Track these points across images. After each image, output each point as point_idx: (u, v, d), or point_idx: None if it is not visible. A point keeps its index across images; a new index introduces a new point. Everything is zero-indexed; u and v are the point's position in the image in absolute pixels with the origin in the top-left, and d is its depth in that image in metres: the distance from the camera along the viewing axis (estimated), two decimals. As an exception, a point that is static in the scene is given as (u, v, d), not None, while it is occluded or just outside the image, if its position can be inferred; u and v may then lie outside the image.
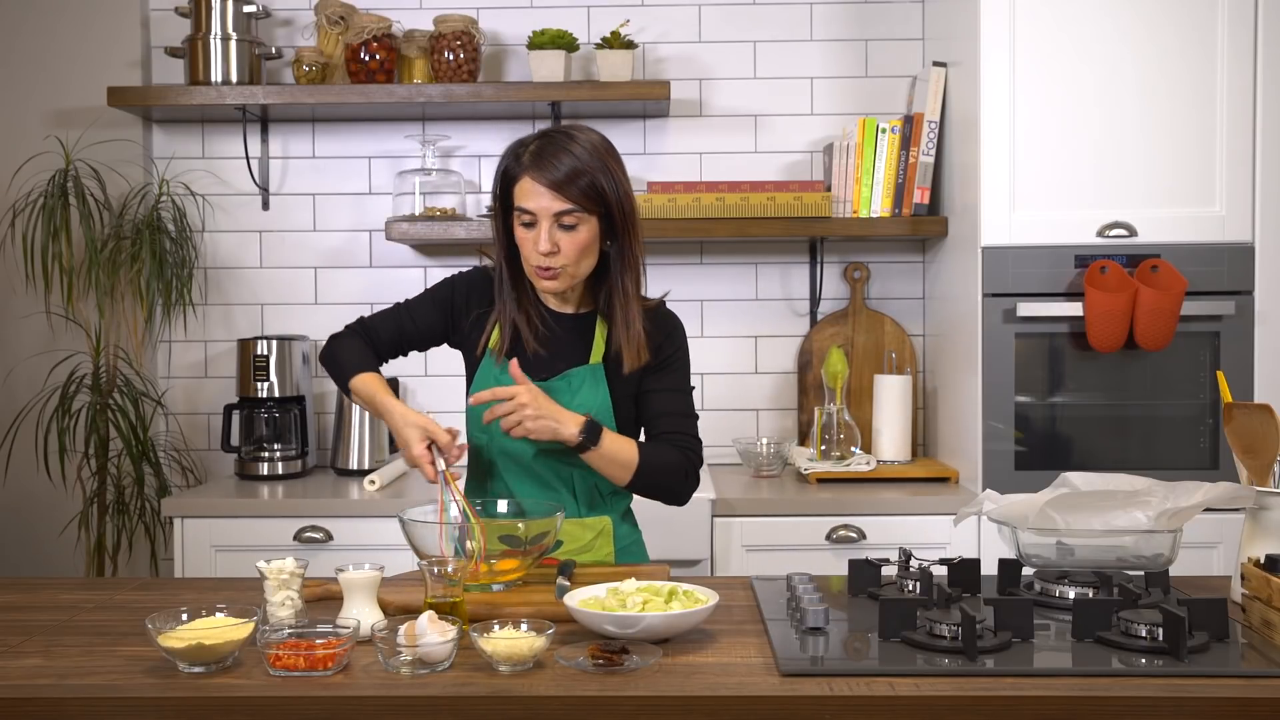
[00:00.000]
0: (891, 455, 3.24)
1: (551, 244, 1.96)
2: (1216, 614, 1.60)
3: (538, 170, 1.95)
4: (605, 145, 2.01)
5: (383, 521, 2.89)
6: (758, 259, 3.50)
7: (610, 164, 1.99)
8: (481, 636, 1.52)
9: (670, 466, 2.05)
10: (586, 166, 1.95)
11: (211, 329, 3.52)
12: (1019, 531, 1.85)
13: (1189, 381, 2.93)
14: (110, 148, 3.39)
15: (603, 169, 1.97)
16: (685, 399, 2.12)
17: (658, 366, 2.09)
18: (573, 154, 1.95)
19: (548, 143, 1.98)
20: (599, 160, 1.97)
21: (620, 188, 1.99)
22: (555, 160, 1.95)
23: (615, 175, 1.99)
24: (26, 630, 1.72)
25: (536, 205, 1.96)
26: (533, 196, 1.96)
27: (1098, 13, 2.88)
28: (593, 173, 1.95)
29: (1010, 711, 1.40)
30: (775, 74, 3.48)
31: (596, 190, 1.96)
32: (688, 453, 2.08)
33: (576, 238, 1.97)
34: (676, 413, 2.10)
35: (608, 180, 1.97)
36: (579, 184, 1.95)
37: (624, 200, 2.00)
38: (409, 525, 1.85)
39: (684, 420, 2.11)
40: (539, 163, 1.96)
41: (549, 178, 1.94)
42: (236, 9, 3.26)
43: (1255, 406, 1.80)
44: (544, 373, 2.06)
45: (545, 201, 1.95)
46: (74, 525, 3.35)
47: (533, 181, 1.96)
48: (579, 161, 1.95)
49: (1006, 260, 2.92)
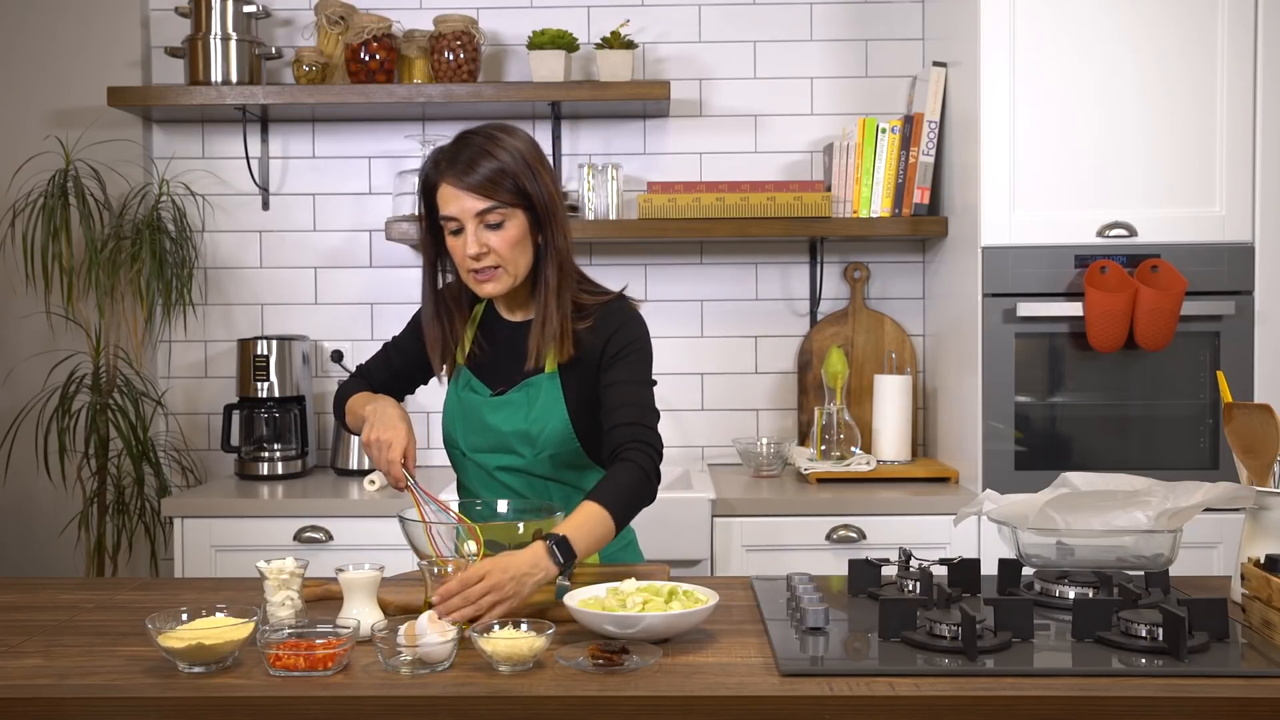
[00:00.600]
0: (891, 455, 3.24)
1: (480, 245, 1.92)
2: (1216, 614, 1.60)
3: (454, 174, 1.92)
4: (527, 144, 1.97)
5: (383, 521, 2.89)
6: (758, 259, 3.50)
7: (531, 160, 1.94)
8: (481, 636, 1.52)
9: (635, 489, 1.88)
10: (503, 163, 1.91)
11: (211, 329, 3.52)
12: (1019, 531, 1.85)
13: (1189, 381, 2.93)
14: (110, 148, 3.39)
15: (520, 164, 1.93)
16: (642, 391, 1.99)
17: (613, 360, 1.99)
18: (488, 153, 1.91)
19: (462, 146, 1.94)
20: (515, 155, 1.93)
21: (541, 180, 1.95)
22: (470, 162, 1.91)
23: (535, 169, 1.94)
24: (26, 630, 1.72)
25: (459, 209, 1.92)
26: (453, 201, 1.92)
27: (1098, 13, 2.88)
28: (510, 169, 1.91)
29: (1010, 711, 1.40)
30: (775, 74, 3.48)
31: (516, 185, 1.92)
32: (643, 458, 1.90)
33: (505, 235, 1.93)
34: (632, 404, 1.96)
35: (527, 173, 1.93)
36: (498, 181, 1.91)
37: (545, 192, 1.95)
38: (409, 525, 1.85)
39: (640, 413, 1.96)
40: (454, 167, 1.92)
41: (466, 180, 1.90)
42: (236, 9, 3.26)
43: (1255, 406, 1.80)
44: (501, 384, 2.05)
45: (466, 203, 1.91)
46: (74, 525, 3.35)
47: (450, 186, 1.92)
48: (495, 159, 1.91)
49: (1006, 260, 2.92)
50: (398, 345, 2.19)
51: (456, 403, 2.08)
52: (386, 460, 1.91)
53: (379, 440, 1.92)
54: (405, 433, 1.93)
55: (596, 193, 3.32)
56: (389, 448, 1.91)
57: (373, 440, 1.92)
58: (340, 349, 3.49)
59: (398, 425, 1.93)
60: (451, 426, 2.09)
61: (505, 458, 2.03)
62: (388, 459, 1.91)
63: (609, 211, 3.33)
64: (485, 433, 2.04)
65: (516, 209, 1.93)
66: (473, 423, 2.06)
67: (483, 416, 2.04)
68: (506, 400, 2.03)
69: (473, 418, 2.06)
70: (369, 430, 1.94)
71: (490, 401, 2.04)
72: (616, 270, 3.47)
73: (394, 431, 1.92)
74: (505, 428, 2.02)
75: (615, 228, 3.27)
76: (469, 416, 2.06)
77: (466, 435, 2.06)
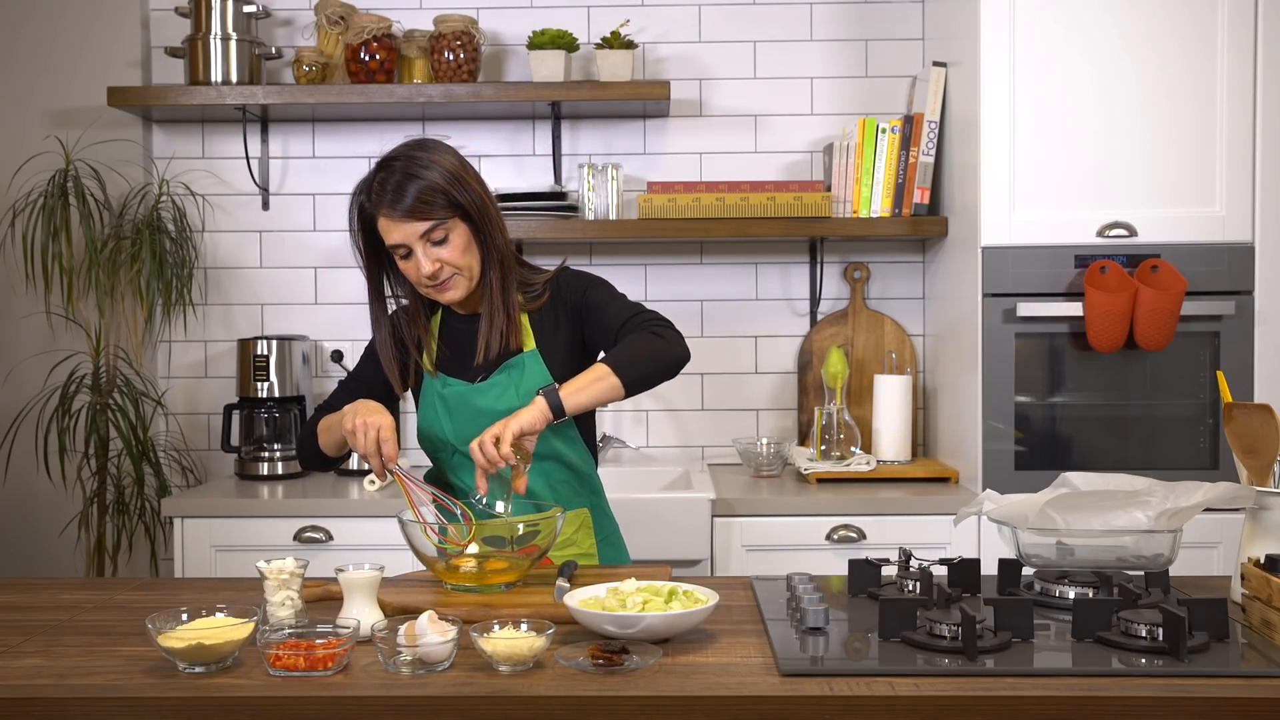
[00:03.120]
0: (891, 455, 3.24)
1: (433, 263, 1.99)
2: (1216, 614, 1.60)
3: (388, 206, 1.97)
4: (450, 156, 2.01)
5: (383, 521, 2.89)
6: (758, 259, 3.50)
7: (455, 172, 1.99)
8: (481, 636, 1.52)
9: (640, 341, 1.96)
10: (429, 181, 1.96)
11: (211, 329, 3.52)
12: (1019, 531, 1.85)
13: (1189, 381, 2.93)
14: (110, 148, 3.39)
15: (447, 178, 1.98)
16: (621, 302, 2.08)
17: (583, 306, 2.08)
18: (412, 175, 1.96)
19: (388, 174, 1.98)
20: (438, 170, 1.97)
21: (469, 188, 2.00)
22: (399, 189, 1.96)
23: (466, 181, 2.00)
24: (26, 630, 1.72)
25: (402, 236, 1.98)
26: (395, 230, 1.98)
27: (1098, 13, 2.88)
28: (438, 185, 1.96)
29: (1010, 711, 1.40)
30: (775, 74, 3.49)
31: (448, 199, 1.97)
32: (648, 323, 2.00)
33: (453, 246, 2.00)
34: (618, 312, 2.04)
35: (454, 185, 1.98)
36: (429, 200, 1.96)
37: (479, 202, 2.01)
38: (408, 526, 1.86)
39: (629, 309, 2.04)
40: (385, 198, 1.97)
41: (400, 209, 1.96)
42: (236, 9, 3.26)
43: (1255, 406, 1.80)
44: (481, 373, 2.08)
45: (408, 230, 1.97)
46: (74, 525, 3.35)
47: (387, 219, 1.98)
48: (421, 179, 1.96)
49: (1006, 260, 2.92)
50: (357, 376, 2.20)
51: (439, 401, 2.09)
52: (375, 441, 1.90)
53: (363, 424, 1.91)
54: (389, 418, 1.93)
55: (596, 193, 3.32)
56: (373, 429, 1.90)
57: (356, 426, 1.91)
58: (340, 349, 3.49)
59: (380, 411, 1.94)
60: (437, 426, 2.10)
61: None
62: (378, 439, 1.90)
63: (609, 211, 3.33)
64: (478, 419, 2.04)
65: (454, 218, 1.99)
66: (462, 413, 2.07)
67: (473, 403, 2.06)
68: (492, 383, 2.06)
69: (461, 408, 2.07)
70: (350, 419, 1.93)
71: (476, 388, 2.07)
72: (617, 270, 3.47)
73: (378, 416, 1.92)
74: (498, 406, 2.03)
75: (615, 228, 3.27)
76: (457, 409, 2.07)
77: (457, 428, 2.07)
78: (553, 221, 3.21)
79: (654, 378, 1.96)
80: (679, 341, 1.99)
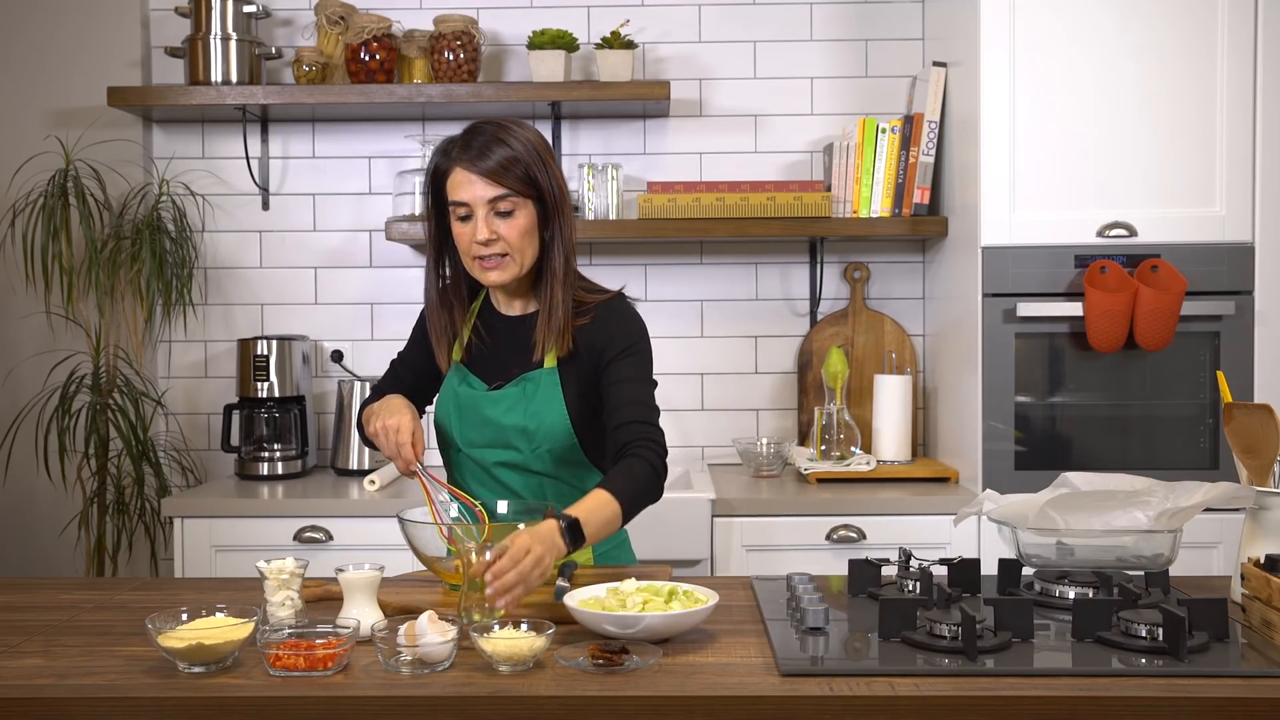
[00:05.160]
0: (891, 455, 3.24)
1: (490, 232, 1.95)
2: (1216, 614, 1.60)
3: (468, 160, 1.95)
4: (537, 136, 2.01)
5: (383, 521, 2.89)
6: (758, 259, 3.50)
7: (541, 152, 1.98)
8: (481, 636, 1.52)
9: (643, 484, 1.90)
10: (517, 153, 1.95)
11: (211, 329, 3.52)
12: (1019, 531, 1.85)
13: (1189, 381, 2.93)
14: (110, 148, 3.39)
15: (533, 155, 1.96)
16: (645, 389, 2.01)
17: (615, 358, 2.00)
18: (503, 142, 1.95)
19: (476, 134, 1.97)
20: (529, 148, 1.96)
21: (551, 172, 1.98)
22: (485, 149, 1.95)
23: (546, 161, 1.98)
24: (26, 630, 1.72)
25: (470, 195, 1.94)
26: (465, 187, 1.95)
27: (1098, 13, 2.88)
28: (524, 158, 1.95)
29: (1010, 711, 1.40)
30: (775, 74, 3.48)
31: (529, 175, 1.95)
32: (652, 455, 1.93)
33: (515, 223, 1.96)
34: (636, 402, 1.97)
35: (538, 165, 1.96)
36: (509, 169, 1.94)
37: (556, 185, 1.99)
38: (408, 525, 1.85)
39: (644, 411, 1.97)
40: (469, 153, 1.95)
41: (481, 166, 1.94)
42: (236, 9, 3.26)
43: (1255, 406, 1.80)
44: (498, 378, 2.05)
45: (479, 190, 1.94)
46: (74, 525, 3.35)
47: (464, 171, 1.95)
48: (510, 149, 1.95)
49: (1006, 260, 2.92)
50: (404, 360, 2.20)
51: (452, 397, 2.08)
52: (396, 444, 1.93)
53: (385, 427, 1.94)
54: (411, 419, 1.96)
55: (596, 193, 3.32)
56: (396, 431, 1.93)
57: (380, 428, 1.95)
58: (340, 349, 3.49)
59: (403, 411, 1.97)
60: (447, 421, 2.09)
61: (503, 453, 2.03)
62: (397, 442, 1.93)
63: (609, 211, 3.33)
64: (483, 427, 2.04)
65: (527, 199, 1.96)
66: (470, 417, 2.06)
67: (480, 410, 2.04)
68: (504, 394, 2.04)
69: (470, 412, 2.06)
70: (376, 421, 1.97)
71: (488, 395, 2.04)
72: (616, 270, 3.47)
73: (399, 417, 1.95)
74: (505, 421, 2.02)
75: (615, 228, 3.27)
76: (465, 411, 2.06)
77: (463, 430, 2.06)
78: (553, 221, 3.21)
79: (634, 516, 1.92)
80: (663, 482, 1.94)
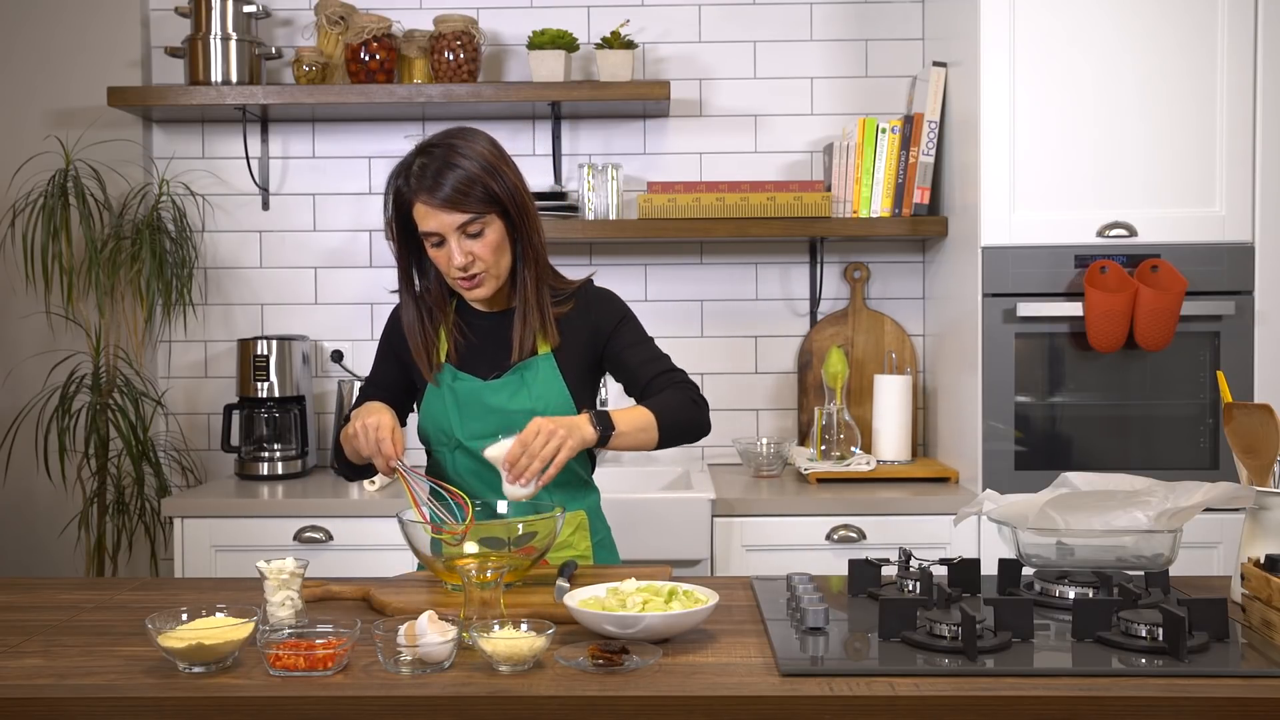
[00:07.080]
0: (891, 455, 3.24)
1: (464, 255, 1.98)
2: (1216, 614, 1.60)
3: (427, 192, 1.96)
4: (490, 146, 2.01)
5: (382, 521, 2.89)
6: (757, 259, 3.50)
7: (496, 164, 1.99)
8: (481, 636, 1.52)
9: (681, 404, 2.03)
10: (471, 173, 1.96)
11: (211, 329, 3.52)
12: (1019, 531, 1.85)
13: (1189, 381, 2.93)
14: (110, 148, 3.39)
15: (490, 171, 1.97)
16: (651, 347, 2.13)
17: (612, 334, 2.11)
18: (454, 165, 1.96)
19: (430, 160, 1.98)
20: (481, 162, 1.97)
21: (511, 184, 2.00)
22: (439, 176, 1.95)
23: (504, 173, 1.99)
24: (26, 630, 1.72)
25: (438, 224, 1.97)
26: (430, 218, 1.97)
27: (1098, 13, 2.88)
28: (478, 176, 1.96)
29: (1010, 711, 1.40)
30: (775, 74, 3.49)
31: (488, 192, 1.97)
32: (683, 385, 2.07)
33: (487, 241, 1.99)
34: (651, 358, 2.10)
35: (497, 181, 1.98)
36: (471, 193, 1.95)
37: (517, 196, 2.00)
38: (408, 526, 1.85)
39: (661, 362, 2.11)
40: (425, 182, 1.96)
41: (440, 196, 1.95)
42: (236, 9, 3.26)
43: (1255, 406, 1.80)
44: (492, 370, 2.08)
45: (444, 219, 1.96)
46: (74, 525, 3.35)
47: (425, 206, 1.97)
48: (462, 170, 1.96)
49: (1006, 260, 2.92)
50: (374, 381, 2.20)
51: (448, 394, 2.09)
52: (375, 440, 1.94)
53: (365, 425, 1.95)
54: (390, 417, 1.98)
55: (596, 193, 3.32)
56: (376, 429, 1.94)
57: (359, 427, 1.96)
58: (340, 349, 3.49)
59: (382, 411, 2.00)
60: (443, 420, 2.09)
61: None
62: (376, 439, 1.94)
63: (609, 211, 3.33)
64: (488, 416, 2.05)
65: (491, 214, 1.99)
66: (472, 409, 2.07)
67: (483, 400, 2.06)
68: (504, 383, 2.06)
69: (471, 404, 2.07)
70: (354, 422, 1.98)
71: (488, 385, 2.07)
72: (617, 270, 3.47)
73: (378, 416, 1.97)
74: (510, 406, 2.04)
75: (615, 228, 3.27)
76: (466, 404, 2.07)
77: (464, 424, 2.07)
78: (553, 221, 3.21)
79: (679, 442, 2.05)
80: (707, 411, 2.07)
